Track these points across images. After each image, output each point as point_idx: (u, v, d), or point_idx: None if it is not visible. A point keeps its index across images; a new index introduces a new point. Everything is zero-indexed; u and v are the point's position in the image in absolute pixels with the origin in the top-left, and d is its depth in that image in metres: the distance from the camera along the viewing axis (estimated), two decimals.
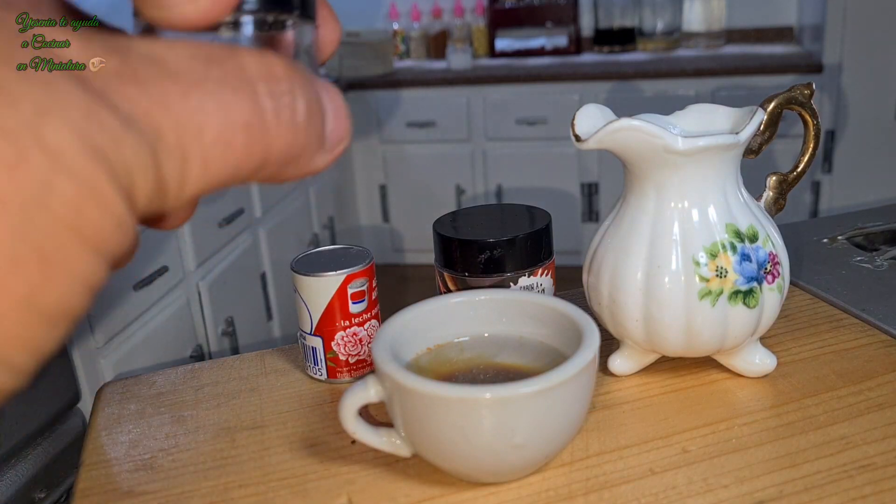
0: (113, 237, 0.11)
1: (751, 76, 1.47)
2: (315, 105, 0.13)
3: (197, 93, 0.11)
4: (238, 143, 0.12)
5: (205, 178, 0.12)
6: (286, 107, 0.12)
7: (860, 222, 0.49)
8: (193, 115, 0.11)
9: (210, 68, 0.12)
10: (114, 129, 0.11)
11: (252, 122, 0.12)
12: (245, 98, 0.12)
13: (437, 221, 0.35)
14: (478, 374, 0.29)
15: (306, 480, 0.28)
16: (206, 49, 0.12)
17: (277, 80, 0.12)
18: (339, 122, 0.14)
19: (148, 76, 0.11)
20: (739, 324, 0.30)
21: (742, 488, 0.26)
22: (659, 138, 0.28)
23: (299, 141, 0.13)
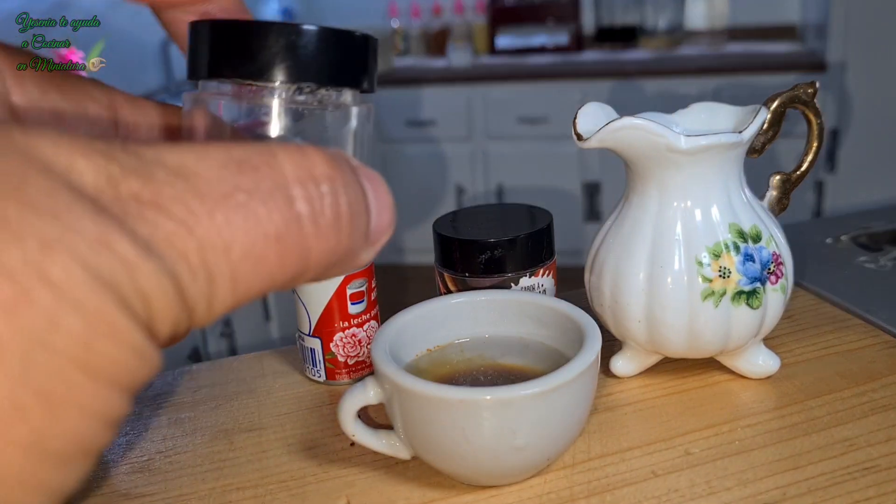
0: (130, 368, 0.10)
1: (754, 74, 1.46)
2: (358, 203, 0.12)
3: (225, 208, 0.11)
4: (271, 255, 0.11)
5: (235, 295, 0.11)
6: (326, 210, 0.12)
7: (864, 222, 0.49)
8: (220, 232, 0.11)
9: (242, 177, 0.11)
10: (128, 257, 0.10)
11: (286, 232, 0.11)
12: (278, 207, 0.11)
13: (437, 221, 0.35)
14: (478, 375, 0.29)
15: (305, 483, 0.28)
16: (240, 153, 0.11)
17: (316, 183, 0.12)
18: (383, 215, 0.13)
19: (172, 196, 0.11)
20: (742, 325, 0.30)
21: (745, 491, 0.26)
22: (661, 137, 0.28)
23: (341, 244, 0.12)
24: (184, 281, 0.11)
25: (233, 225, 0.11)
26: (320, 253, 0.12)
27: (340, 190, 0.12)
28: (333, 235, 0.12)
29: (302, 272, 0.12)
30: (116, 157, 0.11)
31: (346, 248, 0.12)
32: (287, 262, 0.12)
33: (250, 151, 0.12)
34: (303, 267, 0.12)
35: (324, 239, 0.12)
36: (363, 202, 0.13)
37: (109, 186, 0.10)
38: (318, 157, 0.12)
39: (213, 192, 0.11)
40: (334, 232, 0.12)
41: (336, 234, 0.12)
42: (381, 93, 1.63)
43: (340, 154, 0.13)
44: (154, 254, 0.10)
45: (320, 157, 0.12)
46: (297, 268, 0.12)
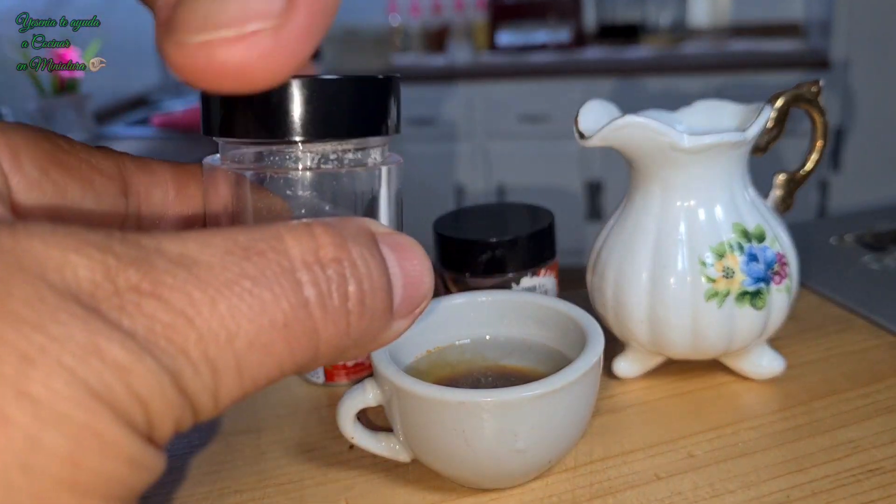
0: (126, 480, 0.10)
1: (757, 72, 1.46)
2: (374, 281, 0.12)
3: (228, 297, 0.10)
4: (279, 342, 0.11)
5: (242, 386, 0.11)
6: (333, 294, 0.11)
7: (869, 222, 0.48)
8: (223, 322, 0.10)
9: (247, 264, 0.11)
10: (121, 362, 0.10)
11: (294, 318, 0.11)
12: (285, 293, 0.11)
13: (437, 221, 0.35)
14: (479, 377, 0.29)
15: (303, 486, 0.28)
16: (245, 238, 0.11)
17: (323, 266, 0.11)
18: (413, 287, 0.13)
19: (173, 285, 0.10)
20: (746, 325, 0.30)
21: (749, 493, 0.26)
22: (664, 136, 0.28)
23: (353, 327, 0.12)
24: (185, 376, 0.10)
25: (237, 313, 0.11)
26: (331, 338, 0.12)
27: (348, 272, 0.12)
28: (343, 319, 0.12)
29: (313, 358, 0.12)
30: (113, 248, 0.10)
31: (361, 330, 0.12)
32: (296, 348, 0.11)
33: (256, 236, 0.11)
34: (313, 353, 0.11)
35: (332, 323, 0.11)
36: (382, 279, 0.12)
37: (106, 280, 0.10)
38: (327, 237, 0.12)
39: (216, 280, 0.11)
40: (343, 315, 0.12)
41: (345, 317, 0.12)
42: None
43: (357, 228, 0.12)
44: (151, 352, 0.10)
45: (328, 238, 0.12)
46: (307, 354, 0.11)
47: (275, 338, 0.11)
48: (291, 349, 0.11)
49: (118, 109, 1.39)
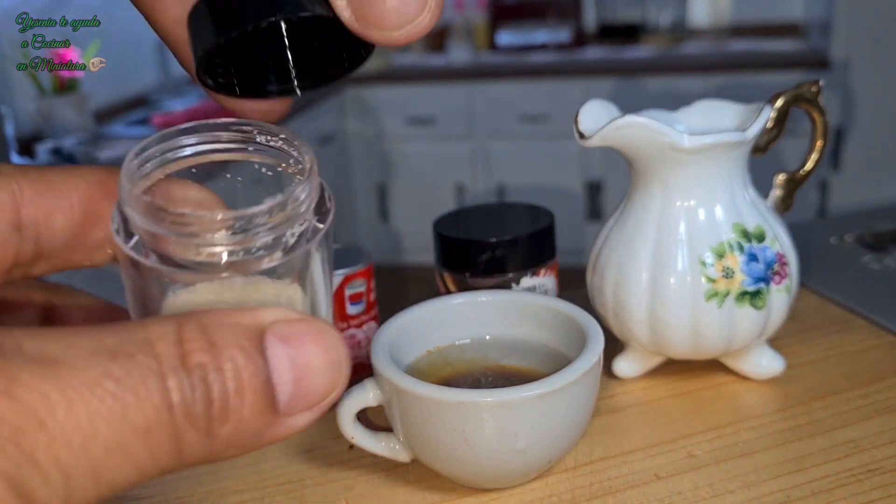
0: None
1: (757, 72, 1.46)
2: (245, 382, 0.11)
3: (87, 399, 0.10)
4: (139, 447, 0.11)
5: (97, 491, 0.10)
6: (198, 400, 0.11)
7: (869, 222, 0.48)
8: (79, 425, 0.10)
9: (112, 365, 0.11)
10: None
11: (155, 425, 0.11)
12: (150, 397, 0.11)
13: (437, 221, 0.35)
14: (479, 377, 0.29)
15: (303, 486, 0.28)
16: (113, 340, 0.11)
17: (189, 371, 0.11)
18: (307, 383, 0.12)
19: (28, 384, 0.10)
20: (746, 325, 0.30)
21: (749, 493, 0.26)
22: (665, 136, 0.28)
23: (221, 431, 0.11)
24: (31, 484, 0.10)
25: (96, 417, 0.10)
26: (194, 443, 0.11)
27: (212, 376, 0.11)
28: (203, 423, 0.11)
29: (177, 461, 0.11)
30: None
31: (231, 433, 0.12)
32: (158, 453, 0.11)
33: (125, 338, 0.11)
34: (176, 457, 0.11)
35: (195, 429, 0.11)
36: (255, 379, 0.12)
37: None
38: (196, 342, 0.11)
39: (77, 380, 0.10)
40: (204, 420, 0.11)
41: (207, 421, 0.11)
42: (380, 91, 1.63)
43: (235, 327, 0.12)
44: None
45: (197, 343, 0.11)
46: (169, 459, 0.11)
47: (135, 442, 0.11)
48: (153, 454, 0.11)
49: (118, 109, 1.39)
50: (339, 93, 1.62)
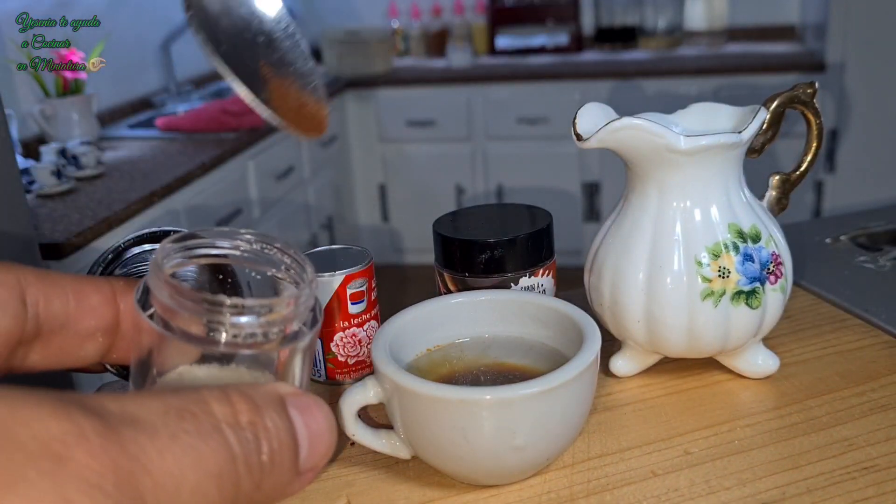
0: None
1: (753, 75, 1.46)
2: (283, 440, 0.14)
3: (173, 449, 0.12)
4: (213, 491, 0.12)
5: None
6: (253, 451, 0.13)
7: (863, 222, 0.49)
8: (171, 472, 0.12)
9: (184, 422, 0.12)
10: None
11: (225, 470, 0.13)
12: (217, 449, 0.13)
13: (437, 221, 0.35)
14: (478, 375, 0.29)
15: None
16: (176, 401, 0.13)
17: (243, 427, 0.13)
18: (316, 446, 0.14)
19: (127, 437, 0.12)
20: (742, 325, 0.30)
21: (744, 490, 0.26)
22: (661, 137, 0.28)
23: (267, 481, 0.13)
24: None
25: (182, 463, 0.12)
26: (248, 489, 0.13)
27: (262, 433, 0.13)
28: (258, 473, 0.13)
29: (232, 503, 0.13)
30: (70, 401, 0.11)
31: (272, 484, 0.13)
32: (224, 496, 0.13)
33: (186, 398, 0.13)
34: (232, 500, 0.13)
35: (250, 476, 0.13)
36: (289, 438, 0.14)
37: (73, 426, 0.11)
38: (242, 404, 0.13)
39: (160, 434, 0.12)
40: (259, 470, 0.13)
41: (260, 471, 0.13)
42: (381, 93, 1.63)
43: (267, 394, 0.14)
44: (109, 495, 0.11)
45: (244, 405, 0.13)
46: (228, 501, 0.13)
47: (210, 486, 0.12)
48: (221, 496, 0.13)
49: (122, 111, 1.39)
50: (341, 96, 1.62)
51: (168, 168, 1.08)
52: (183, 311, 0.16)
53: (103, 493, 0.11)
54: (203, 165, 1.11)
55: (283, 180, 1.36)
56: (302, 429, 0.14)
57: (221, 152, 1.16)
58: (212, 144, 1.19)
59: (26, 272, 0.17)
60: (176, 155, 1.15)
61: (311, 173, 1.47)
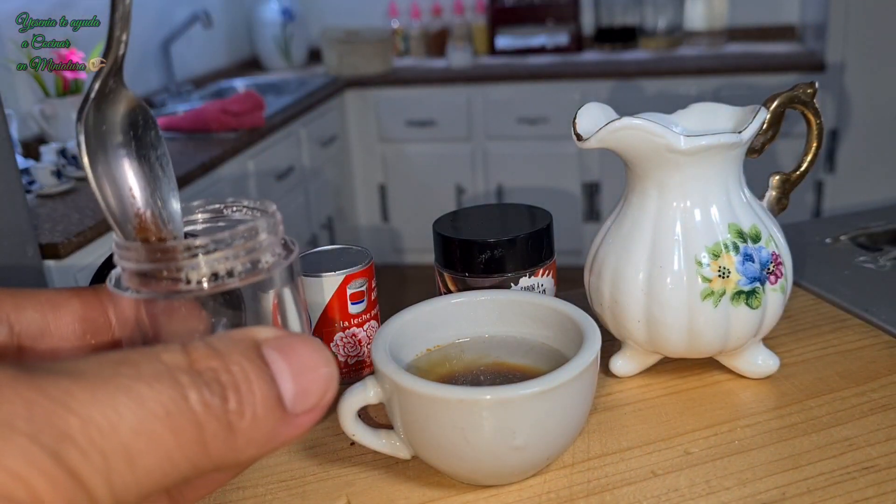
0: None
1: (753, 75, 1.46)
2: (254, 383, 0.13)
3: (106, 391, 0.11)
4: (163, 432, 0.12)
5: (135, 474, 0.11)
6: (214, 394, 0.12)
7: (863, 222, 0.49)
8: (104, 411, 0.11)
9: (122, 367, 0.12)
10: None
11: (174, 410, 0.12)
12: (162, 388, 0.12)
13: (437, 221, 0.35)
14: (478, 375, 0.29)
15: (305, 482, 0.28)
16: (118, 356, 0.12)
17: (199, 371, 0.12)
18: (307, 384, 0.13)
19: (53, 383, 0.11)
20: (742, 325, 0.30)
21: (744, 490, 0.26)
22: (661, 137, 0.28)
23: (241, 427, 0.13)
24: (72, 458, 0.11)
25: (118, 405, 0.11)
26: (216, 433, 0.12)
27: (224, 377, 0.13)
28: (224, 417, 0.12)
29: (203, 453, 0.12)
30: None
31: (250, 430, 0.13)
32: (182, 440, 0.12)
33: (130, 354, 0.12)
34: (201, 447, 0.12)
35: (216, 419, 0.12)
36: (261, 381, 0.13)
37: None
38: (200, 352, 0.13)
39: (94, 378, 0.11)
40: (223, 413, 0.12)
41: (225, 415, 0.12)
42: (381, 93, 1.63)
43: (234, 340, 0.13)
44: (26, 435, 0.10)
45: (202, 352, 0.13)
46: (194, 448, 0.12)
47: (158, 427, 0.12)
48: (178, 440, 0.12)
49: None
50: (341, 96, 1.62)
51: None
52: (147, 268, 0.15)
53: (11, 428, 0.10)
54: (203, 165, 1.11)
55: (283, 180, 1.36)
56: (283, 369, 0.13)
57: (221, 152, 1.16)
58: (212, 144, 1.19)
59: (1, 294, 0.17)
60: (176, 155, 1.15)
61: (311, 173, 1.47)
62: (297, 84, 1.61)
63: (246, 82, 1.65)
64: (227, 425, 0.12)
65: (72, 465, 0.11)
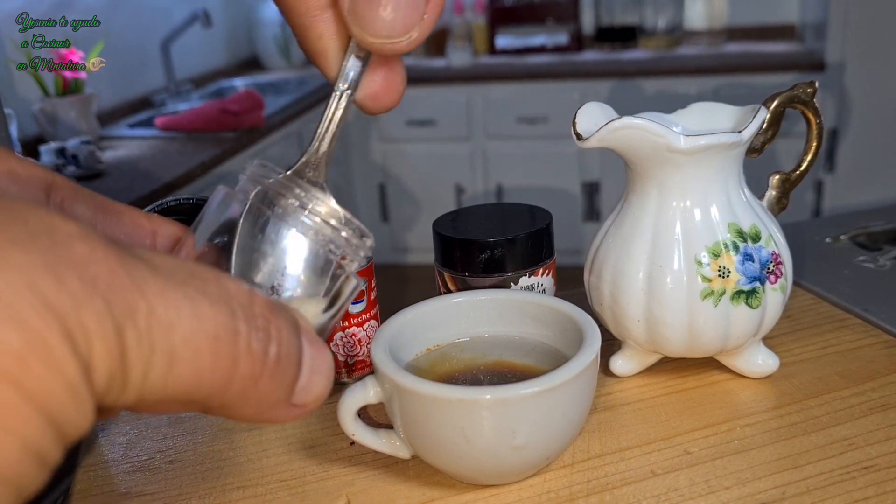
0: (63, 403, 0.10)
1: (753, 74, 1.46)
2: (292, 354, 0.13)
3: (174, 292, 0.12)
4: (206, 351, 0.12)
5: (166, 378, 0.12)
6: (259, 340, 0.13)
7: (863, 222, 0.49)
8: (167, 310, 0.12)
9: (190, 279, 0.12)
10: (76, 292, 0.10)
11: (223, 336, 0.12)
12: (220, 312, 0.12)
13: (436, 221, 0.35)
14: (478, 374, 0.29)
15: (305, 482, 0.28)
16: (191, 266, 0.13)
17: (255, 315, 0.13)
18: (314, 382, 0.14)
19: (132, 262, 0.11)
20: (742, 324, 0.30)
21: (744, 490, 0.26)
22: (661, 137, 0.28)
23: (265, 381, 0.13)
24: (128, 338, 0.11)
25: (180, 310, 0.12)
26: (244, 376, 0.13)
27: (273, 332, 0.13)
28: (259, 366, 0.13)
29: (225, 386, 0.12)
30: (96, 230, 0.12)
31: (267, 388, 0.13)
32: (217, 366, 0.12)
33: (202, 268, 0.13)
34: (227, 380, 0.12)
35: (250, 363, 0.13)
36: (295, 354, 0.13)
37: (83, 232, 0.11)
38: (261, 302, 0.13)
39: (167, 277, 0.12)
40: (260, 362, 0.13)
41: (261, 365, 0.13)
42: None
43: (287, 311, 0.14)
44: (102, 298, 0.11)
45: (262, 303, 0.13)
46: (222, 378, 0.12)
47: (205, 345, 0.12)
48: (213, 365, 0.12)
49: (122, 110, 1.39)
50: None
51: (168, 167, 1.08)
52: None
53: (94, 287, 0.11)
54: (203, 164, 1.11)
55: None
56: (308, 357, 0.14)
57: (221, 151, 1.16)
58: (211, 144, 1.19)
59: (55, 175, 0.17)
60: (175, 154, 1.15)
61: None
62: (297, 84, 1.61)
63: (246, 82, 1.65)
64: (254, 375, 0.13)
65: (126, 343, 0.11)
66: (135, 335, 0.11)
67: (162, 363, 0.11)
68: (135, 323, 0.11)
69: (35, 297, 0.10)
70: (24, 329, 0.10)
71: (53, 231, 0.11)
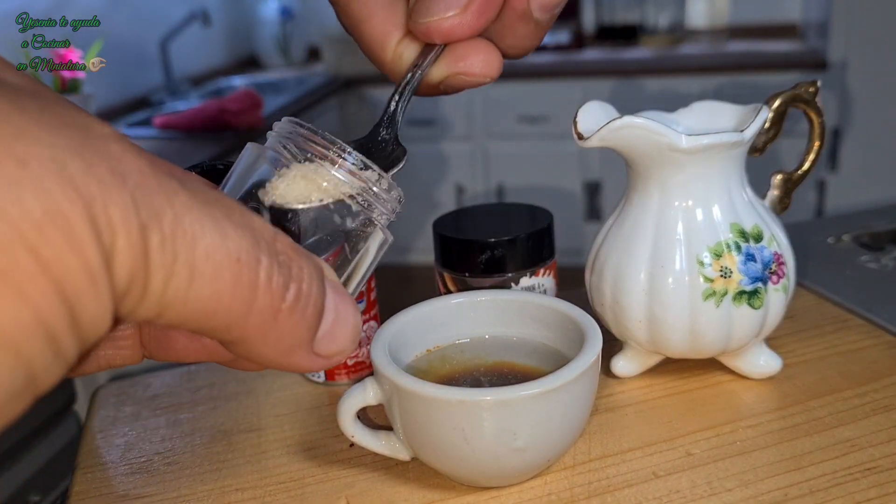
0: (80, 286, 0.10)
1: (755, 73, 1.46)
2: (313, 294, 0.13)
3: (201, 209, 0.11)
4: (227, 273, 0.12)
5: (187, 292, 0.11)
6: (280, 275, 0.12)
7: (866, 221, 0.49)
8: (193, 225, 0.11)
9: (219, 205, 0.12)
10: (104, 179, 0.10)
11: (244, 261, 0.12)
12: (245, 237, 0.12)
13: (436, 221, 0.35)
14: (478, 376, 0.29)
15: (304, 484, 0.28)
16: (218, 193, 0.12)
17: (278, 251, 0.13)
18: (337, 331, 0.14)
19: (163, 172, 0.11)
20: (744, 325, 0.30)
21: (746, 492, 0.26)
22: (663, 136, 0.28)
23: (284, 317, 0.13)
24: (152, 240, 0.11)
25: (205, 226, 0.11)
26: (263, 308, 0.12)
27: (294, 272, 0.13)
28: (279, 300, 0.12)
29: (244, 315, 0.12)
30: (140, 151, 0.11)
31: (286, 327, 0.13)
32: (236, 292, 0.12)
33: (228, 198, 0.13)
34: (245, 309, 0.12)
35: (270, 296, 0.12)
36: (317, 296, 0.13)
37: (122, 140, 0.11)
38: (286, 239, 0.13)
39: (196, 195, 0.12)
40: (280, 297, 0.12)
41: (281, 300, 0.13)
42: (380, 92, 1.63)
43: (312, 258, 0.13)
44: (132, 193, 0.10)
45: (287, 240, 0.13)
46: (241, 307, 0.12)
47: (226, 268, 0.12)
48: (233, 289, 0.12)
49: (120, 110, 1.39)
50: (340, 94, 1.62)
51: None
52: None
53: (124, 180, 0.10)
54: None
55: None
56: (331, 304, 0.14)
57: (220, 151, 1.16)
58: (210, 143, 1.19)
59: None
60: (174, 154, 1.15)
61: None
62: (296, 83, 1.61)
63: (244, 81, 1.64)
64: (273, 309, 0.12)
65: (150, 244, 0.11)
66: (159, 238, 0.11)
67: (183, 274, 0.11)
68: (160, 226, 0.11)
69: (61, 175, 0.10)
70: (48, 200, 0.09)
71: (88, 127, 0.11)
